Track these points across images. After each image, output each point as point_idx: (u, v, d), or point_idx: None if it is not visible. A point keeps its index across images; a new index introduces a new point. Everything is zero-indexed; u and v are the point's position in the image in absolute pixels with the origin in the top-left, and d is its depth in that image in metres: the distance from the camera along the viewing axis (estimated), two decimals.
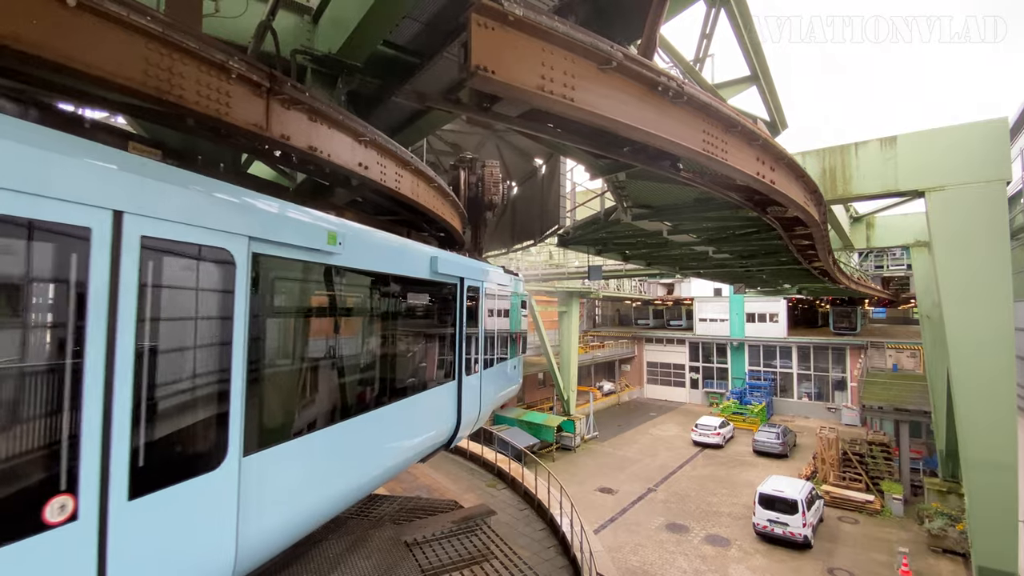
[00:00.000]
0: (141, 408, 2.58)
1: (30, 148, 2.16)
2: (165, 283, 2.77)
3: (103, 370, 2.40)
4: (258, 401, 3.40)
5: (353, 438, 4.57)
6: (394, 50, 6.04)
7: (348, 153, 4.86)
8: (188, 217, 2.86)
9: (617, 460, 29.13)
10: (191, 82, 3.29)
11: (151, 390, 2.66)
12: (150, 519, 2.61)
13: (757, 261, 16.10)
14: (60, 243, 2.27)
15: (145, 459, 2.58)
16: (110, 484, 2.40)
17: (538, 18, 3.12)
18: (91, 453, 2.34)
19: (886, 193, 9.86)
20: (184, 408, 2.90)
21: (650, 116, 3.94)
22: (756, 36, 8.13)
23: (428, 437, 6.27)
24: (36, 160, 2.18)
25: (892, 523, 20.91)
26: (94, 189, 2.39)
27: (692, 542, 19.23)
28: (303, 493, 3.93)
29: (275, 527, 3.58)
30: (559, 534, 10.57)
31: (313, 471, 4.04)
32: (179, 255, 2.86)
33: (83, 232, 2.33)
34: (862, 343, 37.20)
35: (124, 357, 2.50)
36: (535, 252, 28.32)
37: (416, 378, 5.92)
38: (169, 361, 2.80)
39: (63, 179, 2.27)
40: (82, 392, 2.31)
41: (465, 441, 16.49)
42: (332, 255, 4.12)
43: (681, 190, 8.78)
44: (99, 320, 2.40)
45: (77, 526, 2.27)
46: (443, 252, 6.59)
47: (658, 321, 52.99)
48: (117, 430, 2.44)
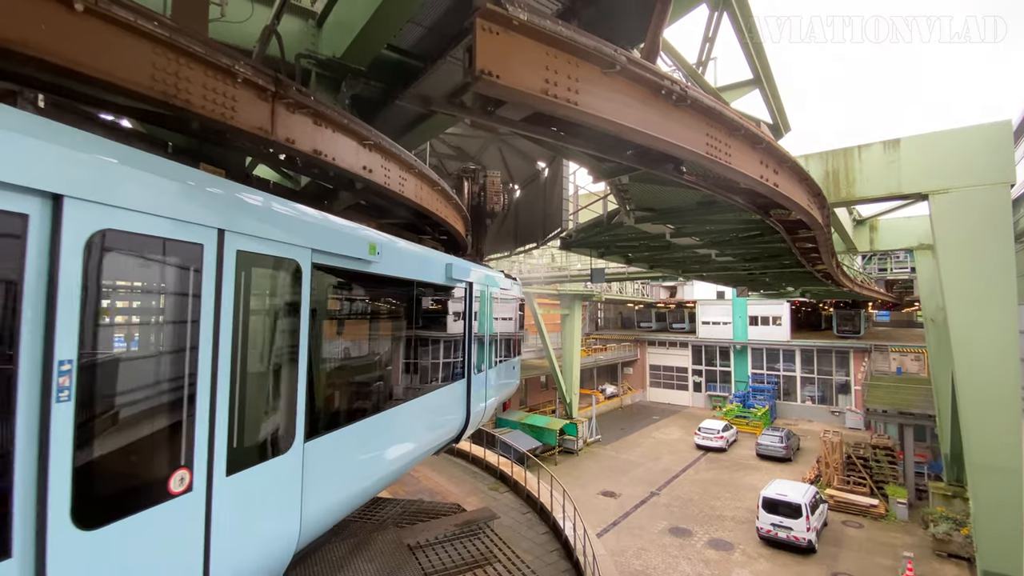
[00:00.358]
0: (236, 400, 2.98)
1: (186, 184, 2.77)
2: (253, 292, 3.19)
3: (210, 369, 2.81)
4: (315, 394, 3.80)
5: (389, 427, 5.13)
6: (398, 54, 6.07)
7: (352, 156, 4.88)
8: (269, 234, 3.30)
9: (620, 464, 29.05)
10: (197, 86, 3.31)
11: (244, 385, 3.07)
12: (241, 492, 3.04)
13: (760, 264, 16.08)
14: (184, 257, 2.72)
15: (238, 443, 3.01)
16: (215, 462, 2.83)
17: (542, 22, 3.13)
18: (202, 437, 2.76)
19: (889, 196, 9.86)
20: (267, 400, 3.36)
21: (653, 119, 3.95)
22: (759, 39, 8.14)
23: (445, 430, 6.82)
24: (188, 191, 2.74)
25: (897, 527, 20.78)
26: (208, 211, 2.84)
27: (695, 546, 19.14)
28: (351, 474, 4.43)
29: (329, 502, 4.01)
30: (562, 538, 10.54)
31: (358, 455, 4.56)
32: (263, 267, 3.30)
33: (197, 248, 2.77)
34: (866, 346, 37.04)
35: (224, 358, 2.90)
36: (538, 255, 28.35)
37: (437, 374, 6.49)
38: (256, 360, 3.22)
39: (194, 204, 2.76)
40: (196, 387, 2.74)
41: (467, 444, 16.47)
42: (371, 263, 4.57)
43: (684, 193, 8.78)
44: (208, 324, 2.81)
45: (192, 495, 2.70)
46: (455, 259, 6.97)
47: (661, 324, 52.86)
48: (220, 418, 2.86)
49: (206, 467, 2.77)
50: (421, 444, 6.08)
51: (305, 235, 3.66)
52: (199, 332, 2.76)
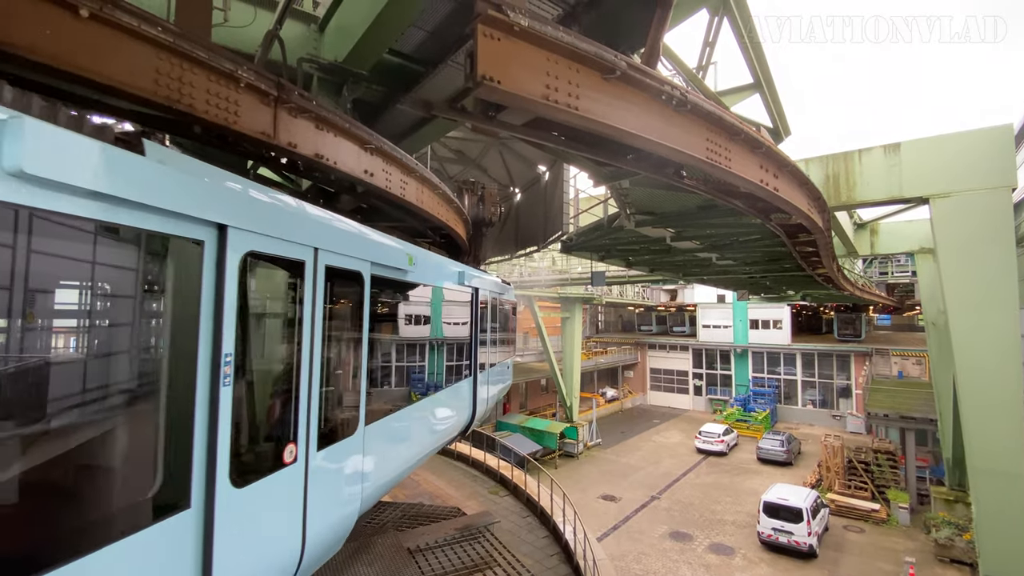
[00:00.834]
0: (323, 390, 3.59)
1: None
2: (334, 298, 3.79)
3: (308, 364, 3.39)
4: (371, 386, 4.49)
5: (421, 416, 6.02)
6: (399, 58, 6.10)
7: (354, 160, 4.90)
8: (346, 250, 3.89)
9: (620, 467, 28.98)
10: (201, 91, 3.33)
11: (327, 379, 3.66)
12: (326, 464, 3.65)
13: (761, 268, 16.07)
14: (293, 271, 3.31)
15: (324, 425, 3.61)
16: (310, 439, 3.38)
17: (543, 28, 3.15)
18: (303, 419, 3.33)
19: (890, 200, 9.86)
20: (341, 391, 4.03)
21: (654, 124, 3.96)
22: (759, 44, 8.17)
23: (459, 419, 7.64)
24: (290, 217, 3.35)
25: (898, 532, 20.70)
26: (308, 234, 3.39)
27: (696, 551, 19.08)
28: (396, 455, 5.21)
29: (380, 477, 4.76)
30: (562, 542, 10.51)
31: (402, 439, 5.41)
32: (342, 277, 3.91)
33: (301, 264, 3.34)
34: (867, 350, 36.96)
35: (316, 356, 3.48)
36: (538, 258, 28.33)
37: (454, 369, 7.43)
38: (336, 358, 3.87)
39: (300, 229, 3.33)
40: (301, 378, 3.31)
41: (467, 447, 16.46)
42: (408, 272, 5.19)
43: (685, 197, 8.79)
44: (308, 325, 3.39)
45: (296, 465, 3.27)
46: (465, 266, 7.67)
47: (661, 327, 52.77)
48: (314, 405, 3.44)
49: (305, 444, 3.35)
50: (442, 432, 6.92)
51: (367, 251, 4.26)
52: (303, 332, 3.35)
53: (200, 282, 2.51)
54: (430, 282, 6.12)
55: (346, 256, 3.88)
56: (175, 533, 2.35)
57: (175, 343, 2.44)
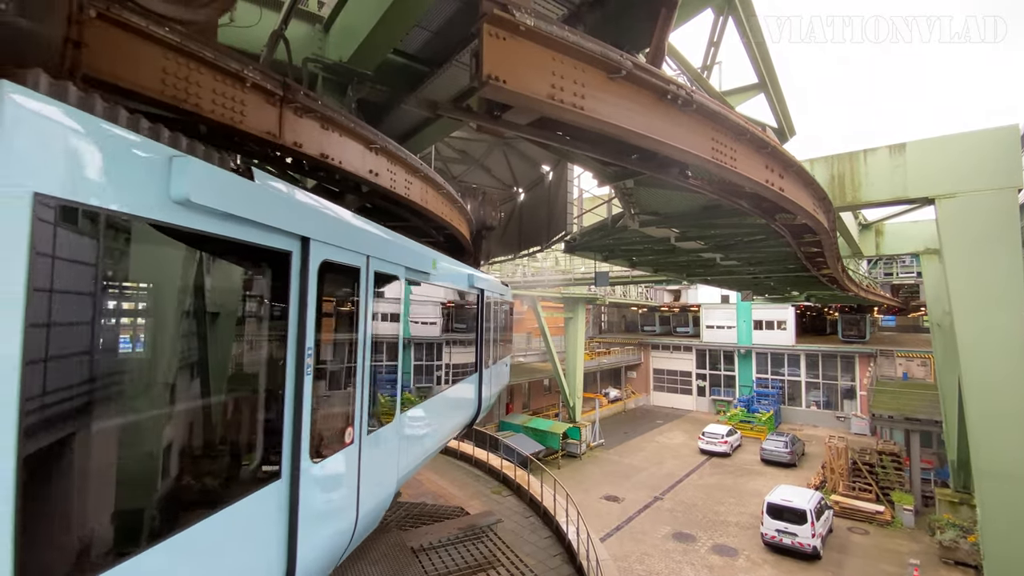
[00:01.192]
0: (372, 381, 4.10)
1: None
2: (378, 298, 4.27)
3: (362, 359, 3.87)
4: (404, 380, 5.07)
5: (440, 406, 6.72)
6: (404, 58, 6.11)
7: (359, 160, 4.91)
8: (389, 257, 4.41)
9: (623, 468, 28.94)
10: (207, 91, 3.35)
11: (374, 371, 4.14)
12: (373, 446, 4.17)
13: (765, 268, 16.03)
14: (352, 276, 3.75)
15: (372, 413, 4.14)
16: (362, 424, 3.88)
17: (549, 28, 3.15)
18: (359, 405, 3.81)
19: (895, 200, 9.81)
20: (384, 384, 4.62)
21: (659, 124, 3.96)
22: (764, 43, 8.14)
23: (469, 413, 8.31)
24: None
25: (903, 534, 20.61)
26: (362, 245, 3.85)
27: (699, 552, 19.04)
28: (421, 439, 5.81)
29: (411, 457, 5.32)
30: (565, 542, 10.50)
31: (425, 426, 5.96)
32: (385, 280, 4.44)
33: (356, 270, 3.80)
34: (871, 351, 36.77)
35: (368, 352, 3.97)
36: (541, 258, 28.32)
37: (465, 365, 8.33)
38: (381, 354, 4.34)
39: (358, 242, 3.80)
40: (357, 369, 3.79)
41: (471, 447, 16.47)
42: (431, 275, 5.68)
43: (689, 197, 8.77)
44: (363, 324, 3.86)
45: (353, 447, 3.74)
46: (473, 270, 8.14)
47: (665, 328, 52.61)
48: (367, 392, 3.93)
49: (359, 427, 3.80)
50: (456, 422, 7.59)
51: (403, 256, 4.76)
52: (359, 329, 3.82)
53: (288, 286, 2.91)
54: (449, 284, 6.68)
55: (389, 262, 4.39)
56: (271, 498, 2.79)
57: (272, 339, 2.88)
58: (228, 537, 2.48)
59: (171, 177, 1.99)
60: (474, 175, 15.23)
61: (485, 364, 8.87)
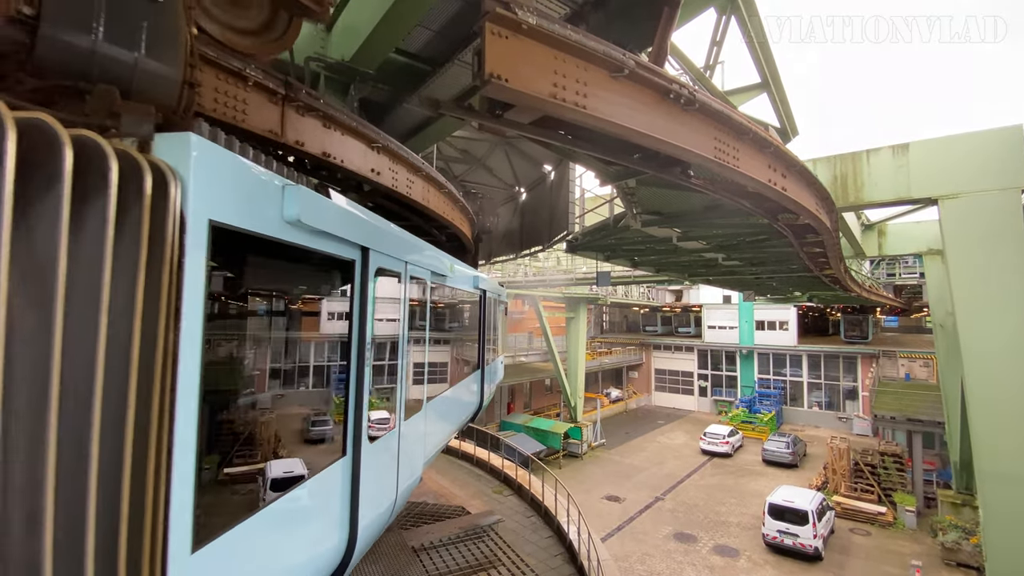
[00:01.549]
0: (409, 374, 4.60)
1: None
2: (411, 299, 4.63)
3: (402, 353, 4.37)
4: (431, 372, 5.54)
5: (453, 398, 7.25)
6: (406, 57, 6.10)
7: (361, 159, 4.91)
8: (419, 262, 4.78)
9: (624, 468, 28.92)
10: (208, 89, 3.35)
11: (411, 366, 4.64)
12: (408, 431, 4.62)
13: (767, 268, 15.99)
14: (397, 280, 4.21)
15: (406, 401, 4.51)
16: (400, 411, 4.34)
17: (551, 26, 3.14)
18: (399, 394, 4.31)
19: (898, 201, 9.77)
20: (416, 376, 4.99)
21: (661, 123, 3.95)
22: (767, 43, 8.13)
23: (474, 406, 8.78)
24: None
25: (905, 536, 20.55)
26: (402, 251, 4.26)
27: (700, 552, 19.01)
28: (442, 426, 6.43)
29: (432, 442, 5.81)
30: (566, 542, 10.50)
31: (444, 415, 6.53)
32: (417, 283, 4.86)
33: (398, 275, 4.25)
34: (874, 352, 36.64)
35: (407, 346, 4.48)
36: (543, 258, 28.30)
37: (470, 362, 9.00)
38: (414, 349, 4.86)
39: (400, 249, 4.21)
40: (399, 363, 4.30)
41: (472, 447, 16.47)
42: (447, 277, 6.06)
43: (691, 197, 8.76)
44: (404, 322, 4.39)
45: (394, 431, 4.23)
46: (477, 271, 8.67)
47: (666, 328, 52.52)
48: (406, 384, 4.43)
49: (399, 415, 4.31)
50: (464, 414, 8.17)
51: (429, 262, 5.18)
52: (400, 327, 4.33)
53: (352, 290, 3.39)
54: (459, 286, 7.17)
55: (419, 267, 4.81)
56: (340, 472, 3.23)
57: (342, 336, 3.35)
58: (315, 502, 3.00)
59: (284, 202, 2.40)
60: (476, 174, 15.21)
61: (488, 361, 9.25)
